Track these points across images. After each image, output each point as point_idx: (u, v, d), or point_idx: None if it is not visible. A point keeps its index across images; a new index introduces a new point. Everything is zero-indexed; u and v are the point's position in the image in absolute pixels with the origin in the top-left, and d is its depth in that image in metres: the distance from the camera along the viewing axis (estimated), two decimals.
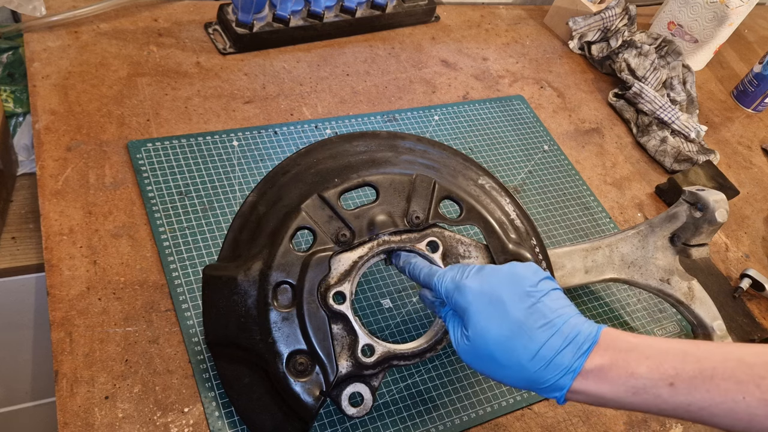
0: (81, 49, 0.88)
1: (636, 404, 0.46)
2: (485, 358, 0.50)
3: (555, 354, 0.48)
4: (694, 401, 0.44)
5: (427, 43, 1.13)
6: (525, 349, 0.48)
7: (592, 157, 1.05)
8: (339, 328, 0.59)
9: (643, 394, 0.45)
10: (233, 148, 0.83)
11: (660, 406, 0.45)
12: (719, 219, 0.75)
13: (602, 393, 0.47)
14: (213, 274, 0.59)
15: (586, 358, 0.47)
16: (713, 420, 0.44)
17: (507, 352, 0.49)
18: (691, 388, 0.44)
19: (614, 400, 0.47)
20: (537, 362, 0.48)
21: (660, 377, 0.45)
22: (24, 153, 0.81)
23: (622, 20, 1.20)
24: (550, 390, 0.48)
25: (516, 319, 0.49)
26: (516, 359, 0.48)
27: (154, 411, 0.59)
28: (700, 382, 0.44)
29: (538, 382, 0.48)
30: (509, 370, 0.49)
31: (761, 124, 1.31)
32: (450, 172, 0.72)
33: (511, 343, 0.49)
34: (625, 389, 0.46)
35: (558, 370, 0.47)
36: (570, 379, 0.47)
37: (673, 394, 0.44)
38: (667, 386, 0.45)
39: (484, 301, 0.51)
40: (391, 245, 0.63)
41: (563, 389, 0.47)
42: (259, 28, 0.96)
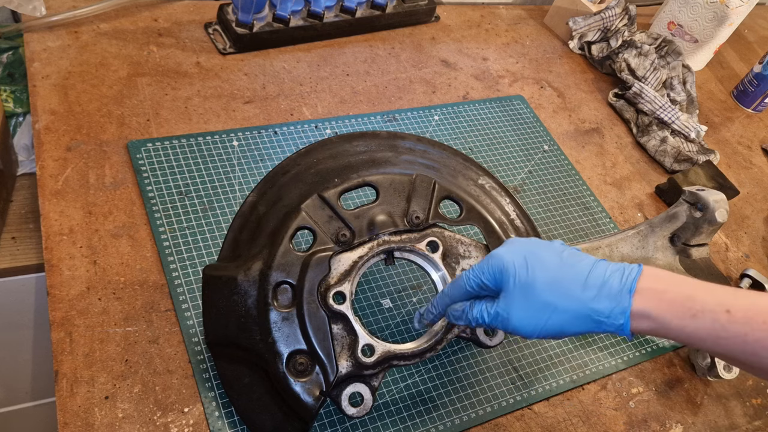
0: (81, 49, 0.88)
1: (696, 329, 0.45)
2: (541, 308, 0.49)
3: (603, 279, 0.48)
4: (751, 331, 0.43)
5: (427, 43, 1.13)
6: (574, 281, 0.48)
7: (592, 157, 1.05)
8: (339, 328, 0.59)
9: (701, 318, 0.45)
10: (233, 148, 0.83)
11: (719, 334, 0.45)
12: (719, 219, 0.75)
13: (663, 314, 0.46)
14: (213, 274, 0.59)
15: (636, 279, 0.47)
16: (764, 355, 0.43)
17: (558, 290, 0.49)
18: (747, 318, 0.44)
19: (677, 324, 0.46)
20: (590, 290, 0.48)
21: (717, 303, 0.45)
22: (24, 153, 0.81)
23: (622, 20, 1.20)
24: (614, 317, 0.47)
25: (554, 261, 0.50)
26: (569, 293, 0.48)
27: (154, 411, 0.59)
28: (756, 313, 0.44)
29: (598, 312, 0.48)
30: (568, 310, 0.48)
31: (761, 124, 1.31)
32: (450, 172, 0.72)
33: (559, 281, 0.49)
34: (683, 311, 0.46)
35: (613, 293, 0.47)
36: (628, 299, 0.47)
37: (731, 321, 0.44)
38: (724, 312, 0.45)
39: (520, 257, 0.51)
40: (391, 245, 0.63)
41: (625, 312, 0.47)
42: (259, 28, 0.96)
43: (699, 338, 0.46)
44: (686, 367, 0.81)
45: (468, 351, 0.73)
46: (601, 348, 0.79)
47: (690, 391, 0.79)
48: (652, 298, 0.47)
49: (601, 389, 0.76)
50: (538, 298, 0.49)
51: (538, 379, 0.73)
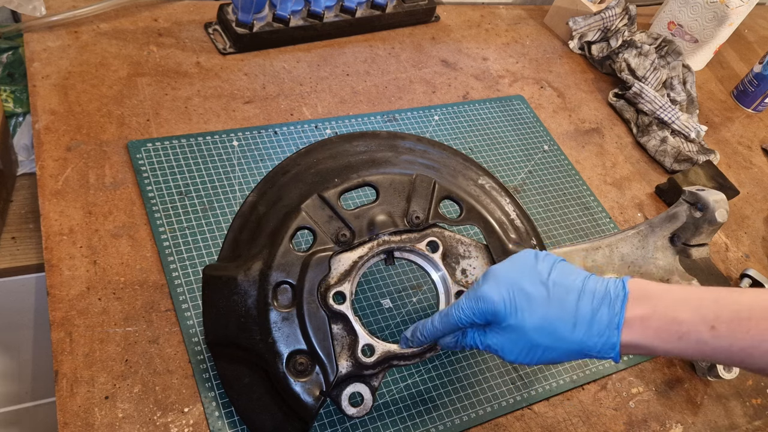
0: (81, 49, 0.88)
1: (682, 349, 0.47)
2: (532, 348, 0.51)
3: (591, 315, 0.49)
4: (735, 342, 0.45)
5: (427, 43, 1.13)
6: (563, 321, 0.49)
7: (592, 157, 1.05)
8: (339, 328, 0.59)
9: (687, 339, 0.47)
10: (233, 148, 0.83)
11: (704, 350, 0.46)
12: (719, 219, 0.75)
13: (651, 342, 0.48)
14: (213, 274, 0.59)
15: (624, 311, 0.48)
16: (753, 361, 0.45)
17: (548, 333, 0.50)
18: (731, 331, 0.45)
19: (663, 348, 0.48)
20: (579, 330, 0.49)
21: (701, 321, 0.46)
22: (24, 153, 0.81)
23: (622, 20, 1.20)
24: (604, 352, 0.49)
25: (541, 297, 0.50)
26: (559, 335, 0.50)
27: (154, 411, 0.59)
28: (739, 325, 0.45)
29: (589, 348, 0.49)
30: (558, 349, 0.50)
31: (761, 124, 1.31)
32: (450, 172, 0.72)
33: (548, 322, 0.50)
34: (669, 335, 0.47)
35: (602, 330, 0.48)
36: (616, 334, 0.48)
37: (715, 336, 0.46)
38: (708, 330, 0.46)
39: (508, 295, 0.51)
40: (391, 245, 0.63)
41: (615, 347, 0.48)
42: (259, 28, 0.96)
43: (686, 355, 0.48)
44: (686, 367, 0.81)
45: (468, 351, 0.73)
46: None
47: (690, 391, 0.79)
48: (638, 329, 0.48)
49: (601, 389, 0.76)
50: (528, 341, 0.51)
51: (538, 379, 0.73)
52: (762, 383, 0.83)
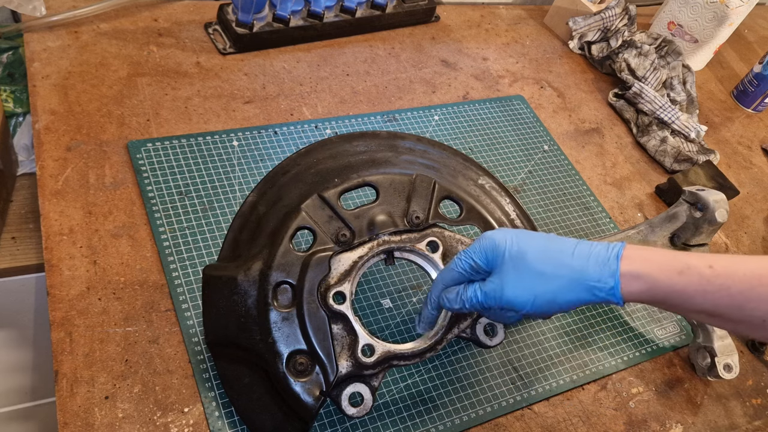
0: (81, 49, 0.88)
1: (685, 287, 0.47)
2: (533, 277, 0.51)
3: (590, 250, 0.50)
4: (734, 284, 0.46)
5: (427, 43, 1.13)
6: (563, 252, 0.51)
7: (592, 157, 1.05)
8: (339, 328, 0.59)
9: (688, 274, 0.47)
10: (233, 148, 0.83)
11: (705, 288, 0.47)
12: (719, 219, 0.75)
13: (652, 273, 0.48)
14: (213, 274, 0.59)
15: (622, 247, 0.50)
16: (751, 306, 0.45)
17: (549, 259, 0.51)
18: (729, 272, 0.46)
19: (666, 283, 0.48)
20: (578, 258, 0.50)
21: (699, 261, 0.48)
22: (24, 153, 0.81)
23: (622, 20, 1.20)
24: (603, 281, 0.49)
25: (542, 236, 0.53)
26: (559, 261, 0.51)
27: (154, 411, 0.59)
28: (737, 268, 0.46)
29: (589, 277, 0.49)
30: (559, 276, 0.50)
31: (761, 124, 1.31)
32: (450, 172, 0.72)
33: (549, 251, 0.51)
34: (670, 269, 0.48)
35: (600, 259, 0.49)
36: (615, 261, 0.49)
37: (715, 275, 0.47)
38: (707, 268, 0.47)
39: (510, 234, 0.53)
40: (391, 245, 0.63)
41: (614, 274, 0.49)
42: (259, 28, 0.96)
43: (687, 295, 0.48)
44: (686, 367, 0.81)
45: (468, 351, 0.73)
46: (601, 348, 0.79)
47: (690, 391, 0.79)
48: (639, 260, 0.49)
49: (601, 389, 0.76)
50: (529, 267, 0.51)
51: (538, 379, 0.73)
52: (762, 383, 0.83)
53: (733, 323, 0.48)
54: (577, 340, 0.79)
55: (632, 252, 0.50)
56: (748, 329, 0.48)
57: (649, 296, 0.49)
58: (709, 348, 0.77)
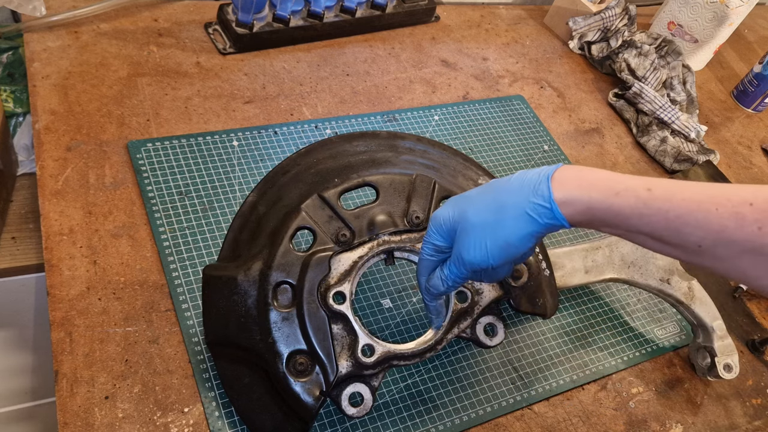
0: (81, 49, 0.88)
1: (621, 209, 0.47)
2: (480, 230, 0.52)
3: (522, 180, 0.51)
4: (672, 208, 0.45)
5: (427, 43, 1.13)
6: (497, 193, 0.52)
7: (592, 157, 1.05)
8: (339, 328, 0.59)
9: (624, 196, 0.47)
10: (233, 148, 0.83)
11: (642, 211, 0.46)
12: None
13: (588, 195, 0.48)
14: (213, 274, 0.59)
15: (554, 169, 0.50)
16: (687, 231, 0.45)
17: (486, 208, 0.52)
18: (667, 195, 0.46)
19: (602, 204, 0.47)
20: (512, 193, 0.51)
21: (637, 184, 0.47)
22: (24, 153, 0.81)
23: (622, 20, 1.20)
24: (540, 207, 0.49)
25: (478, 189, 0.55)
26: (496, 204, 0.51)
27: (154, 411, 0.59)
28: (675, 192, 0.46)
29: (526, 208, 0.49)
30: (500, 218, 0.51)
31: (761, 124, 1.31)
32: (450, 172, 0.72)
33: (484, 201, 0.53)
34: (606, 190, 0.47)
35: (532, 185, 0.50)
36: (546, 185, 0.49)
37: (652, 198, 0.46)
38: (645, 190, 0.46)
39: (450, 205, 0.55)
40: (391, 245, 0.63)
41: (548, 199, 0.48)
42: (259, 28, 0.96)
43: (624, 216, 0.47)
44: (686, 367, 0.81)
45: (468, 351, 0.73)
46: (601, 348, 0.79)
47: (690, 391, 0.79)
48: (573, 182, 0.49)
49: (601, 389, 0.76)
50: (473, 223, 0.52)
51: (538, 379, 0.73)
52: (762, 383, 0.83)
53: (673, 248, 0.47)
54: (577, 340, 0.79)
55: (566, 173, 0.50)
56: (686, 255, 0.47)
57: (589, 217, 0.48)
58: (709, 348, 0.77)
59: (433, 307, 0.62)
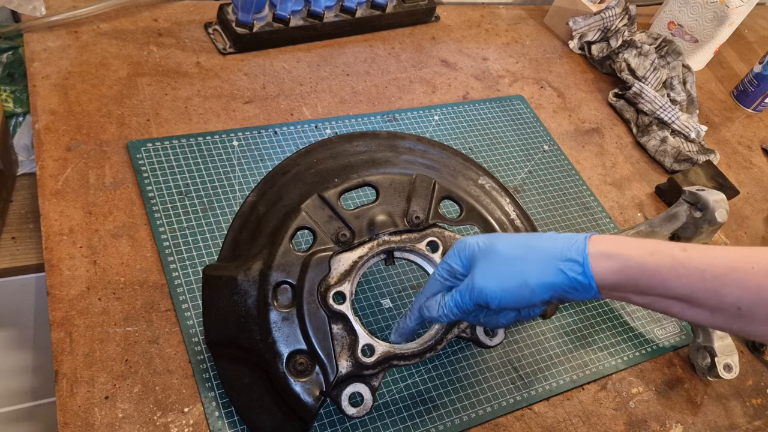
0: (81, 49, 0.88)
1: (657, 267, 0.46)
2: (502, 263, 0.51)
3: (556, 235, 0.51)
4: (708, 267, 0.45)
5: (427, 43, 1.13)
6: (531, 238, 0.52)
7: (592, 157, 1.05)
8: (339, 328, 0.59)
9: (660, 255, 0.46)
10: (233, 148, 0.83)
11: (678, 271, 0.46)
12: (719, 219, 0.75)
13: (623, 251, 0.47)
14: (213, 274, 0.59)
15: (589, 235, 0.49)
16: (725, 292, 0.44)
17: (517, 245, 0.52)
18: (702, 255, 0.45)
19: (638, 261, 0.47)
20: (546, 240, 0.51)
21: (672, 246, 0.47)
22: (24, 153, 0.81)
23: (622, 20, 1.20)
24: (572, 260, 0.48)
25: (512, 232, 0.56)
26: (527, 245, 0.51)
27: (154, 411, 0.59)
28: (711, 252, 0.45)
29: (556, 256, 0.49)
30: (527, 259, 0.50)
31: (761, 124, 1.31)
32: (450, 172, 0.72)
33: (517, 239, 0.52)
34: (641, 249, 0.47)
35: (568, 238, 0.50)
36: (583, 239, 0.49)
37: (688, 258, 0.46)
38: (680, 250, 0.46)
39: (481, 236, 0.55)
40: (391, 245, 0.63)
41: (582, 251, 0.48)
42: (259, 28, 0.96)
43: (660, 277, 0.46)
44: (686, 367, 0.81)
45: (468, 351, 0.73)
46: (601, 348, 0.79)
47: (690, 391, 0.79)
48: (608, 241, 0.49)
49: (601, 389, 0.76)
50: (498, 254, 0.52)
51: (538, 379, 0.73)
52: (762, 383, 0.83)
53: (711, 312, 0.46)
54: (577, 340, 0.79)
55: (601, 236, 0.50)
56: (725, 320, 0.46)
57: (621, 277, 0.47)
58: (709, 348, 0.77)
59: (406, 327, 0.60)
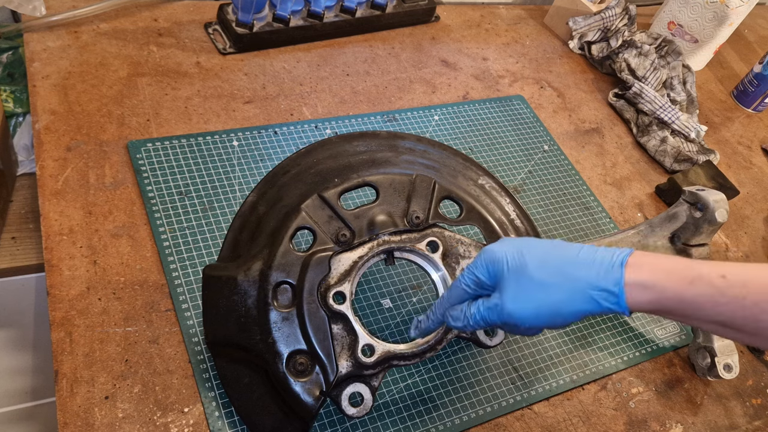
0: (81, 49, 0.88)
1: (695, 297, 0.45)
2: (534, 289, 0.49)
3: (593, 257, 0.48)
4: (749, 294, 0.43)
5: (427, 43, 1.13)
6: (565, 260, 0.49)
7: (592, 157, 1.05)
8: (339, 328, 0.59)
9: (698, 284, 0.45)
10: (233, 148, 0.83)
11: (717, 300, 0.44)
12: (719, 219, 0.75)
13: (661, 283, 0.46)
14: (213, 274, 0.59)
15: (628, 255, 0.47)
16: (764, 318, 0.43)
17: (550, 268, 0.49)
18: (743, 281, 0.44)
19: (674, 293, 0.45)
20: (581, 266, 0.48)
21: (712, 269, 0.45)
22: (24, 153, 0.81)
23: (622, 20, 1.20)
24: (607, 291, 0.47)
25: (545, 245, 0.51)
26: (561, 271, 0.48)
27: (154, 411, 0.59)
28: (751, 278, 0.44)
29: (591, 285, 0.47)
30: (560, 287, 0.48)
31: (761, 124, 1.31)
32: (450, 172, 0.72)
33: (550, 260, 0.49)
34: (680, 278, 0.45)
35: (604, 265, 0.47)
36: (620, 269, 0.46)
37: (728, 285, 0.44)
38: (719, 277, 0.44)
39: (512, 247, 0.52)
40: (391, 245, 0.63)
41: (618, 283, 0.46)
42: (259, 28, 0.96)
43: (698, 305, 0.45)
44: (686, 367, 0.81)
45: (468, 351, 0.73)
46: (601, 348, 0.79)
47: (690, 391, 0.79)
48: (646, 269, 0.47)
49: (601, 389, 0.76)
50: (530, 278, 0.49)
51: (538, 379, 0.73)
52: (762, 383, 0.83)
53: (749, 336, 0.45)
54: (577, 340, 0.79)
55: (639, 259, 0.47)
56: (762, 342, 0.45)
57: (657, 307, 0.46)
58: (709, 348, 0.77)
59: (429, 328, 0.60)
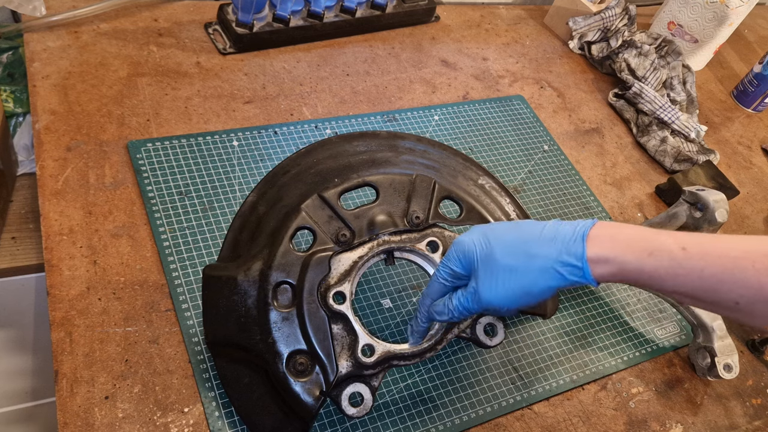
0: (81, 49, 0.88)
1: (655, 269, 0.46)
2: (503, 273, 0.51)
3: (555, 232, 0.50)
4: (707, 266, 0.44)
5: (427, 43, 1.13)
6: (529, 241, 0.51)
7: (592, 157, 1.05)
8: (339, 328, 0.59)
9: (658, 256, 0.46)
10: (233, 148, 0.83)
11: (676, 271, 0.45)
12: (719, 219, 0.75)
13: (621, 256, 0.47)
14: (213, 274, 0.59)
15: (589, 227, 0.49)
16: (724, 290, 0.44)
17: (515, 252, 0.51)
18: (703, 254, 0.45)
19: (635, 266, 0.46)
20: (544, 244, 0.50)
21: (673, 242, 0.46)
22: (24, 153, 0.81)
23: (622, 20, 1.20)
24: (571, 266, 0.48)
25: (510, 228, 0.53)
26: (526, 252, 0.50)
27: (154, 411, 0.59)
28: (710, 250, 0.45)
29: (555, 262, 0.49)
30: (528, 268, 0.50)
31: (761, 124, 1.31)
32: (450, 172, 0.72)
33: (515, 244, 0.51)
34: (640, 250, 0.46)
35: (566, 241, 0.49)
36: (581, 244, 0.48)
37: (687, 257, 0.45)
38: (680, 249, 0.45)
39: (479, 235, 0.54)
40: (391, 245, 0.63)
41: (581, 258, 0.48)
42: (259, 28, 0.96)
43: (658, 277, 0.46)
44: (686, 367, 0.81)
45: (468, 351, 0.73)
46: (601, 348, 0.79)
47: (690, 391, 0.79)
48: (607, 241, 0.48)
49: (601, 389, 0.76)
50: (498, 264, 0.51)
51: (538, 379, 0.73)
52: (762, 383, 0.83)
53: (709, 305, 0.47)
54: (577, 340, 0.79)
55: (601, 231, 0.49)
56: (723, 311, 0.46)
57: (619, 278, 0.48)
58: (709, 348, 0.77)
59: (421, 328, 0.61)
